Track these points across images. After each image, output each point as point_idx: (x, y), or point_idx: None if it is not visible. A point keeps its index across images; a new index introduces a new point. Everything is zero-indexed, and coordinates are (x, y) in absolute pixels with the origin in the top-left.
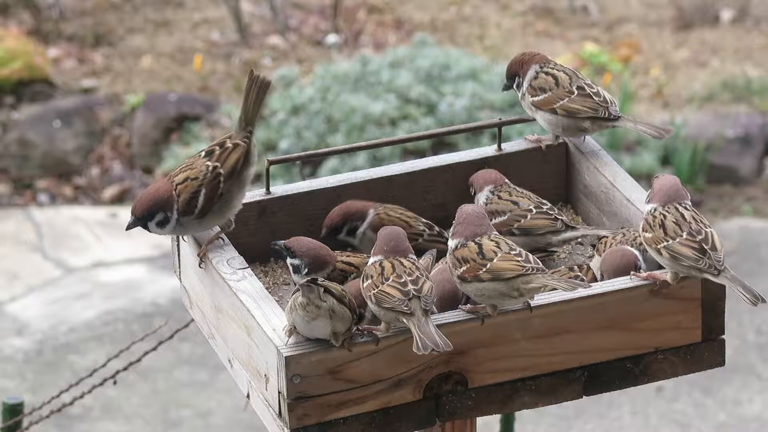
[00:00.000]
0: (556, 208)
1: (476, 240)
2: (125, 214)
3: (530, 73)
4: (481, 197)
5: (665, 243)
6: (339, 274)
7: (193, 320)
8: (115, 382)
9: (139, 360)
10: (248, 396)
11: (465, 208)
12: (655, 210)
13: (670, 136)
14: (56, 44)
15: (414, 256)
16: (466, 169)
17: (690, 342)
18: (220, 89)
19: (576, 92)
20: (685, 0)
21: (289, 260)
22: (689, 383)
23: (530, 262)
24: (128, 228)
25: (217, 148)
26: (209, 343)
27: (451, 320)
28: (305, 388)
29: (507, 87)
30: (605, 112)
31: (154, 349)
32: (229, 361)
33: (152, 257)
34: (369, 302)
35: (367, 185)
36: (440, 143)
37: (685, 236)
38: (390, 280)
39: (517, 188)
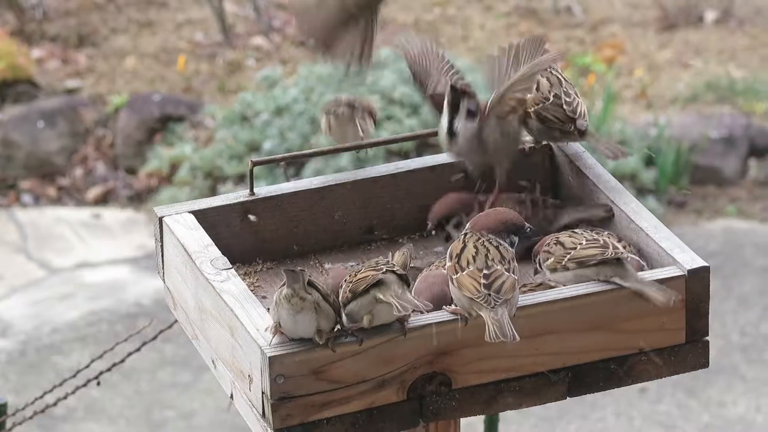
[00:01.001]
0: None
1: (468, 237)
2: (109, 214)
3: None
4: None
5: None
6: None
7: (176, 321)
8: (98, 383)
9: (122, 361)
10: (232, 397)
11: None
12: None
13: (624, 159)
14: (40, 45)
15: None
16: (450, 171)
17: (674, 343)
18: (204, 90)
19: (551, 100)
20: (669, 1)
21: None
22: (673, 384)
23: (489, 289)
24: None
25: None
26: (193, 343)
27: (434, 321)
28: (289, 388)
29: None
30: (571, 126)
31: (138, 349)
32: (212, 361)
33: (136, 258)
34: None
35: (351, 187)
36: (424, 144)
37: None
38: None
39: None
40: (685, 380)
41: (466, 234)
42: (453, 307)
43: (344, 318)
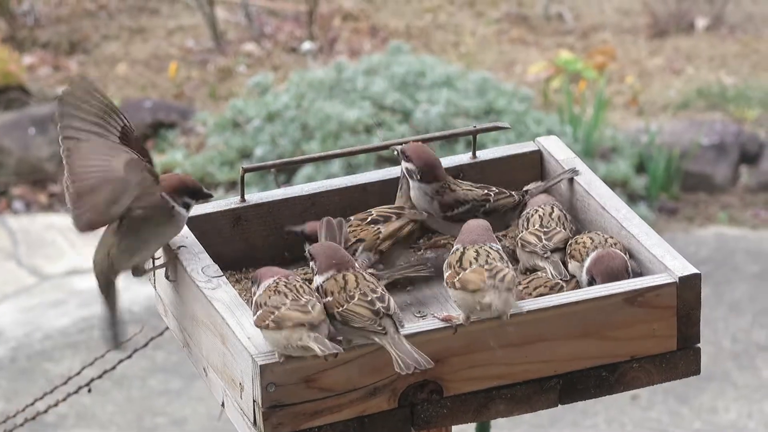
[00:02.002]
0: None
1: (467, 247)
2: None
3: None
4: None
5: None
6: (352, 252)
7: (167, 328)
8: (89, 390)
9: (113, 368)
10: (223, 404)
11: (471, 222)
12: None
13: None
14: (31, 51)
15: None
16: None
17: (665, 350)
18: (195, 96)
19: None
20: (660, 7)
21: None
22: (664, 391)
23: (494, 278)
24: None
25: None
26: (184, 351)
27: (425, 329)
28: (280, 396)
29: None
30: None
31: (129, 356)
32: (203, 369)
33: None
34: (334, 320)
35: (342, 193)
36: None
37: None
38: (356, 298)
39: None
40: (677, 387)
41: (459, 247)
42: (445, 314)
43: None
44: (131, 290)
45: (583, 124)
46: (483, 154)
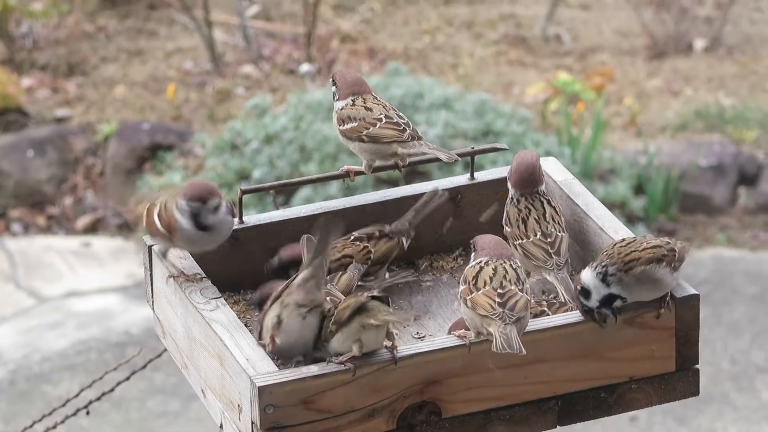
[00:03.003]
0: (409, 121)
1: (487, 262)
2: (98, 243)
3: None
4: (339, 104)
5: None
6: (338, 266)
7: (166, 350)
8: (87, 412)
9: (112, 390)
10: (221, 426)
11: (485, 238)
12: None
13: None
14: (30, 74)
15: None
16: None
17: (664, 371)
18: (194, 118)
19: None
20: (658, 29)
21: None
22: (663, 412)
23: (504, 307)
24: None
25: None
26: (182, 372)
27: (424, 350)
28: (278, 418)
29: None
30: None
31: (127, 378)
32: (202, 390)
33: (125, 286)
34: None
35: (340, 214)
36: (413, 172)
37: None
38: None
39: (377, 97)
40: (676, 408)
41: (482, 260)
42: (461, 331)
43: (330, 348)
44: (129, 312)
45: (582, 145)
46: (481, 176)
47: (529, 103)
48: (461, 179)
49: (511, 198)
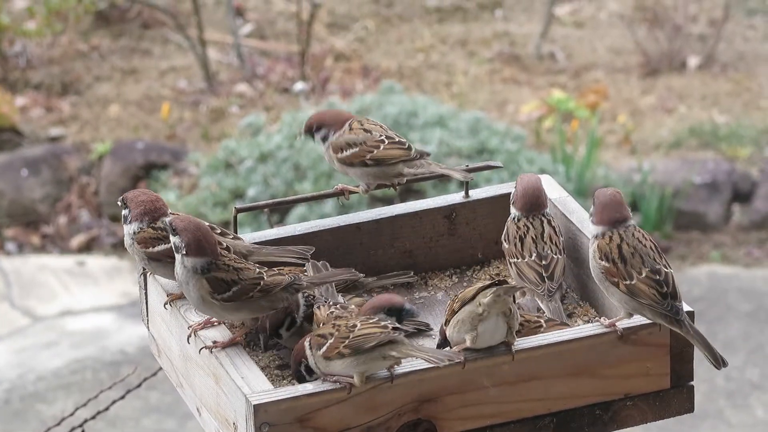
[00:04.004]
0: (405, 139)
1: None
2: (93, 262)
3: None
4: (334, 135)
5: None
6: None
7: (161, 368)
8: (83, 431)
9: (107, 409)
10: None
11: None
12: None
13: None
14: (23, 93)
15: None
16: (433, 216)
17: (659, 388)
18: (188, 137)
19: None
20: (652, 47)
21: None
22: (658, 429)
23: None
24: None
25: None
26: (177, 391)
27: (418, 368)
28: None
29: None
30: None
31: (122, 397)
32: (197, 409)
33: (120, 305)
34: (342, 357)
35: (335, 232)
36: (408, 190)
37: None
38: (358, 324)
39: (369, 119)
40: (671, 425)
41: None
42: (454, 349)
43: (318, 366)
44: (124, 331)
45: (576, 163)
46: (476, 194)
47: (523, 121)
48: (456, 197)
49: (513, 216)
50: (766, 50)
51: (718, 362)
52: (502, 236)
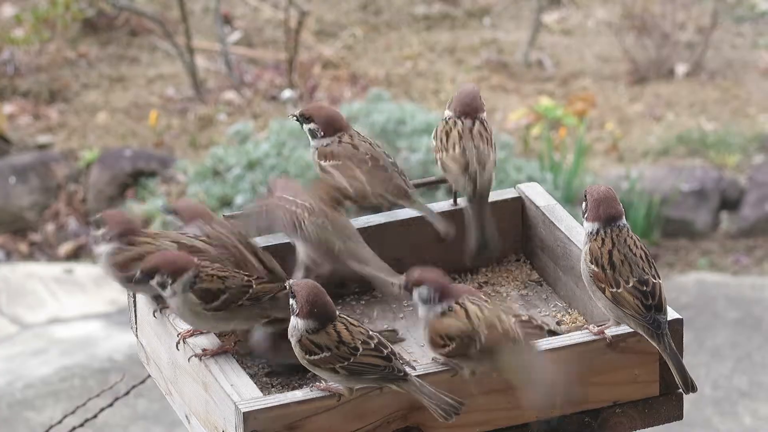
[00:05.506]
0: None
1: None
2: (81, 270)
3: None
4: (324, 140)
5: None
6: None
7: (149, 376)
8: None
9: (95, 416)
10: None
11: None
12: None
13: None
14: (11, 100)
15: None
16: (421, 224)
17: (648, 396)
18: (176, 145)
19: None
20: (640, 54)
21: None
22: None
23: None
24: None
25: None
26: (166, 399)
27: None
28: None
29: None
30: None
31: (111, 405)
32: (186, 417)
33: (108, 313)
34: (336, 373)
35: None
36: None
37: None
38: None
39: (359, 133)
40: None
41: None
42: (446, 359)
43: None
44: (113, 339)
45: (564, 170)
46: (463, 202)
47: (511, 129)
48: (444, 205)
49: (445, 117)
50: (754, 58)
51: (687, 386)
52: (431, 135)
